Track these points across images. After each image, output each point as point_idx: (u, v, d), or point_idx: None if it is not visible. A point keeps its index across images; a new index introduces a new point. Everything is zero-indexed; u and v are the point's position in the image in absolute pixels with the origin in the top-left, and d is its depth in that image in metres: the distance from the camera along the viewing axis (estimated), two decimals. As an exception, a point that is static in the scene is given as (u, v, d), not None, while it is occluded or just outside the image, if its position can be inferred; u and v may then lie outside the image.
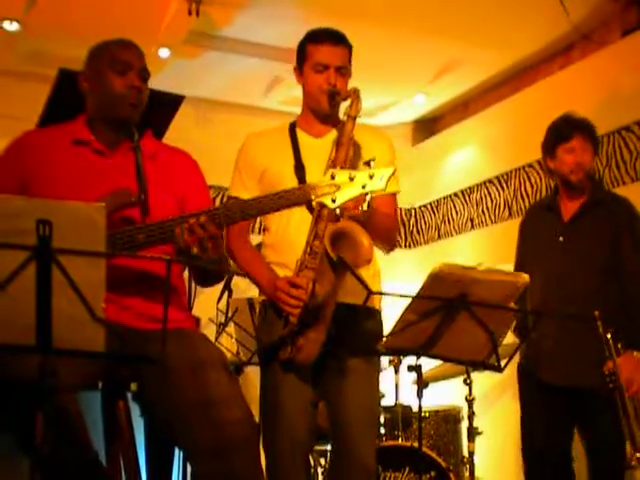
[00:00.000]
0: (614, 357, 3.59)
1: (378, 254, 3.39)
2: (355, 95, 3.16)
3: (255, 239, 3.49)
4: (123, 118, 2.86)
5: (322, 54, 3.25)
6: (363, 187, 2.55)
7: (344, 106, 3.21)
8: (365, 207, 2.78)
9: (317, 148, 3.25)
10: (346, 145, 3.11)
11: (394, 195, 3.37)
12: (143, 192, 2.71)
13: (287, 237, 3.24)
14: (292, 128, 3.38)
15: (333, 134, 3.22)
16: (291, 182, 3.20)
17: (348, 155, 3.11)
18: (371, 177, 2.55)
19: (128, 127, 2.87)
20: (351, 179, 2.55)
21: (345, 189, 2.55)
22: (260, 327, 3.42)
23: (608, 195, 4.12)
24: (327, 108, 3.25)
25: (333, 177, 2.56)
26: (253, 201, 2.69)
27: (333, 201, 2.55)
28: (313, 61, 3.26)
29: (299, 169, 3.25)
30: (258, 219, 3.64)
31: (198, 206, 2.80)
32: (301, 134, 3.35)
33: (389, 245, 3.38)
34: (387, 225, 3.29)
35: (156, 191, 2.78)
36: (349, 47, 3.31)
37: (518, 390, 4.13)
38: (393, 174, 2.59)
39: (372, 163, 2.64)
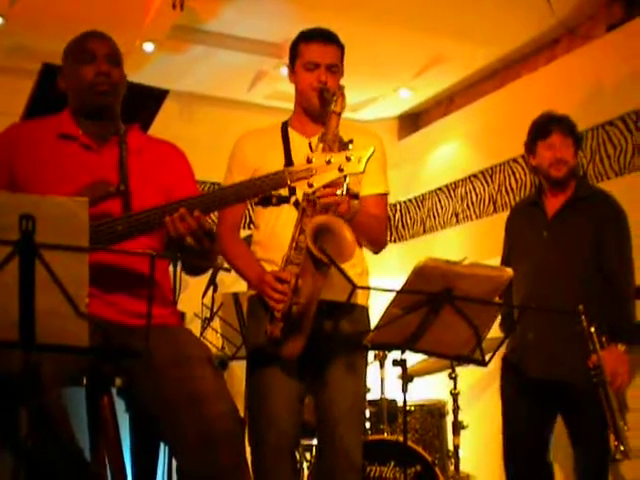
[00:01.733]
0: (598, 351, 3.61)
1: (366, 251, 3.38)
2: (340, 92, 3.16)
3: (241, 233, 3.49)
4: (97, 106, 2.86)
5: (313, 52, 3.26)
6: (340, 170, 2.51)
7: None
8: (344, 191, 2.76)
9: (307, 147, 3.24)
10: (331, 141, 3.11)
11: (384, 196, 3.38)
12: (124, 183, 2.70)
13: (275, 234, 3.24)
14: (284, 127, 3.38)
15: None
16: None
17: (333, 152, 3.10)
18: (348, 159, 2.51)
19: (110, 117, 2.87)
20: (328, 162, 2.51)
21: (322, 173, 2.51)
22: (248, 322, 3.44)
23: (592, 190, 4.12)
24: (317, 105, 3.25)
25: (310, 161, 2.52)
26: (232, 188, 2.67)
27: (310, 185, 2.52)
28: (304, 59, 3.27)
29: None
30: (247, 215, 3.61)
31: (178, 184, 2.82)
32: (293, 134, 3.35)
33: (376, 246, 3.38)
34: (374, 226, 3.29)
35: (140, 185, 2.77)
36: (341, 46, 3.32)
37: (500, 382, 4.13)
38: (372, 155, 2.55)
39: (350, 145, 2.58)
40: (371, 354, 5.02)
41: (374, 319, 3.06)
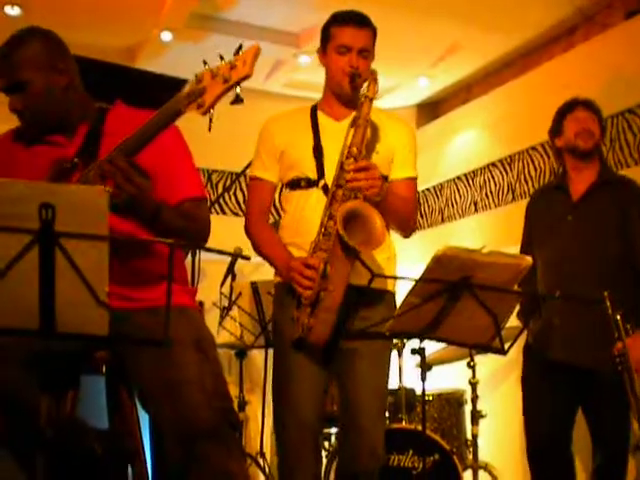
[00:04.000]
0: (623, 338, 3.58)
1: (394, 237, 3.38)
2: (373, 76, 3.14)
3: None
4: (35, 134, 2.82)
5: (345, 36, 3.22)
6: (225, 81, 2.37)
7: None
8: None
9: (337, 131, 3.22)
10: (362, 127, 3.10)
11: (412, 180, 3.36)
12: (78, 157, 2.66)
13: (303, 218, 3.24)
14: (314, 110, 3.37)
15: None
16: (309, 164, 3.22)
17: (365, 136, 3.10)
18: (233, 67, 2.38)
19: (60, 124, 2.81)
20: (213, 77, 2.38)
21: (210, 91, 2.38)
22: (274, 309, 3.43)
23: (617, 176, 4.12)
24: (348, 90, 3.23)
25: (200, 81, 2.39)
26: (137, 131, 2.50)
27: (200, 106, 2.39)
28: (336, 43, 3.24)
29: (317, 152, 3.24)
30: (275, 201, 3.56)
31: (162, 164, 2.74)
32: (322, 116, 3.33)
33: (406, 230, 3.37)
34: (402, 209, 3.28)
35: None
36: (373, 30, 3.29)
37: (522, 369, 4.12)
38: (257, 54, 2.39)
39: (240, 51, 2.40)
40: (390, 343, 5.02)
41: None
